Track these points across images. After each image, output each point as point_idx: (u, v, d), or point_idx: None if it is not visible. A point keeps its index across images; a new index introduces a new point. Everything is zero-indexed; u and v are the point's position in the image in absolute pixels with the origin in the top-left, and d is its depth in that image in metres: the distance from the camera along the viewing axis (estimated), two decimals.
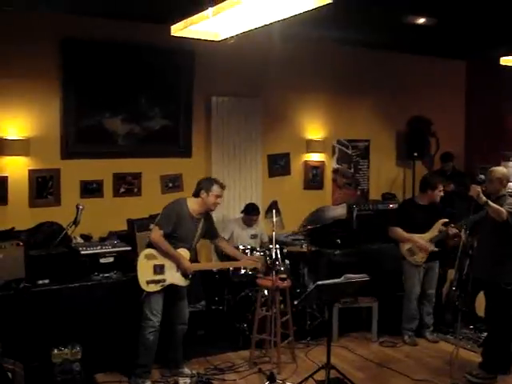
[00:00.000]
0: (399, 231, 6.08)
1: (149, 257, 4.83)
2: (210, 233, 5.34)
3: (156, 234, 4.84)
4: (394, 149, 8.78)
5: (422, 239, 6.01)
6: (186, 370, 5.25)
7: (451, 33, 6.92)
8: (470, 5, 5.62)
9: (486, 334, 5.62)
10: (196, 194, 5.06)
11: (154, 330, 4.93)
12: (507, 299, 5.05)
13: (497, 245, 5.04)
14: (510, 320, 5.11)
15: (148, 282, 4.79)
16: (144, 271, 4.80)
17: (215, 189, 5.06)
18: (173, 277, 4.94)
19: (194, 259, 5.67)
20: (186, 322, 5.21)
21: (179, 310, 5.16)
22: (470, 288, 5.59)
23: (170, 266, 4.91)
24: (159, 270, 4.85)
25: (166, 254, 4.89)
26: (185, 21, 3.82)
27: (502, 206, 4.93)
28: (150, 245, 4.92)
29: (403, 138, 8.64)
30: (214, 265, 5.26)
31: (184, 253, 4.97)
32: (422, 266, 6.09)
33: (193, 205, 5.02)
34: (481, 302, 5.78)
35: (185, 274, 5.01)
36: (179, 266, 4.94)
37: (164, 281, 4.88)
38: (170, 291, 5.03)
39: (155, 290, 4.86)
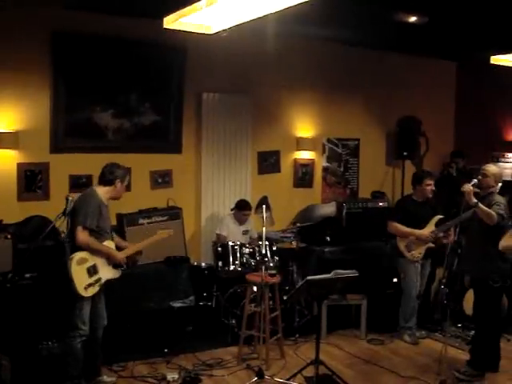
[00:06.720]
0: (399, 226, 6.06)
1: (79, 262, 4.52)
2: None
3: (83, 235, 4.52)
4: (384, 148, 8.80)
5: (423, 232, 6.01)
6: (106, 378, 4.99)
7: (442, 32, 6.94)
8: (462, 3, 5.64)
9: (473, 331, 5.64)
10: (108, 183, 4.77)
11: (85, 339, 4.65)
12: (495, 296, 5.09)
13: (485, 242, 5.05)
14: (497, 317, 5.15)
15: (86, 288, 4.54)
16: (79, 278, 4.50)
17: (128, 178, 4.94)
18: (106, 272, 4.72)
19: None
20: (106, 322, 4.92)
21: (101, 309, 4.86)
22: (459, 286, 5.63)
23: (101, 263, 4.67)
24: (93, 270, 4.59)
25: (95, 252, 4.63)
26: (177, 13, 3.82)
27: (489, 204, 4.95)
28: (76, 248, 4.56)
29: (393, 137, 8.67)
30: (140, 245, 5.00)
31: (110, 244, 4.77)
32: (419, 262, 6.09)
33: (103, 193, 4.74)
34: (468, 301, 5.80)
35: (116, 265, 4.80)
36: (111, 259, 4.73)
37: (100, 279, 4.65)
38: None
39: (94, 292, 4.62)
